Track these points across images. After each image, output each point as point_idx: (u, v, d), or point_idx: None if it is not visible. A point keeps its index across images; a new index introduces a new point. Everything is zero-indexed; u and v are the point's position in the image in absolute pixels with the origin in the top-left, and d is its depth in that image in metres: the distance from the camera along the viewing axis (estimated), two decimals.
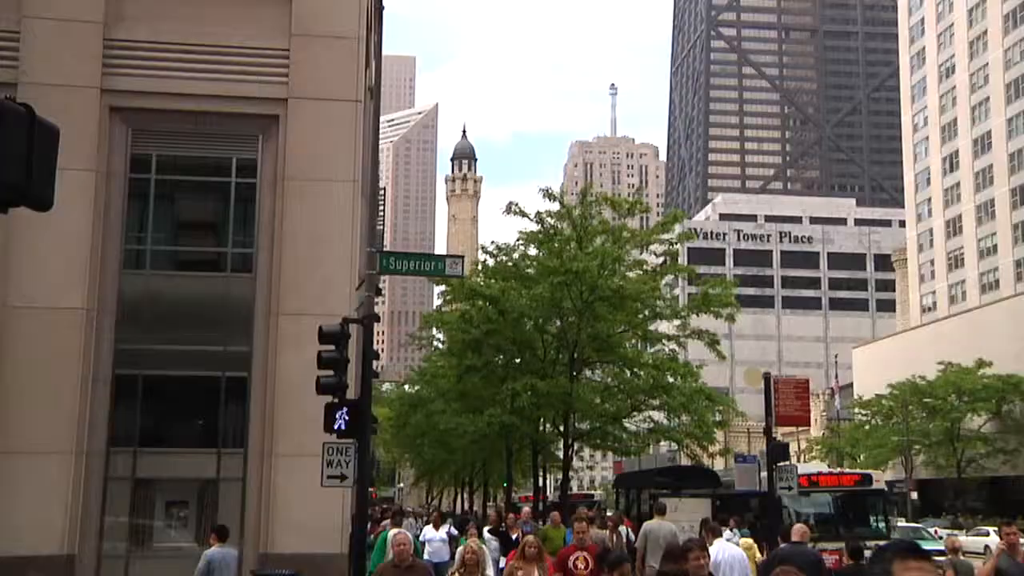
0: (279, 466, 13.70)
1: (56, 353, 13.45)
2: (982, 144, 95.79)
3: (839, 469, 38.59)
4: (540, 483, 38.60)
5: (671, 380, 28.12)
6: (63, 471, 13.28)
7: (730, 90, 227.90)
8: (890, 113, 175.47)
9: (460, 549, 11.88)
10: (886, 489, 30.24)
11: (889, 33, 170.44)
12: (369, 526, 17.62)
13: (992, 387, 56.03)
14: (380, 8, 24.02)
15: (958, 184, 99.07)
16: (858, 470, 36.43)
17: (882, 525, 26.33)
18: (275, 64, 14.57)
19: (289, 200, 14.31)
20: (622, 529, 19.28)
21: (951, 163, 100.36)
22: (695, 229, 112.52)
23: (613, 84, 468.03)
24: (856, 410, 67.24)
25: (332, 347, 13.03)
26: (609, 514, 25.93)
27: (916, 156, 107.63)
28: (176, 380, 14.63)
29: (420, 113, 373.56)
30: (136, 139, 14.41)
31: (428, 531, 19.17)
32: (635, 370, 28.84)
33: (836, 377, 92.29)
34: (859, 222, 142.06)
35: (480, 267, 31.19)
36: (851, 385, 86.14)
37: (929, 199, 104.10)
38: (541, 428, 33.17)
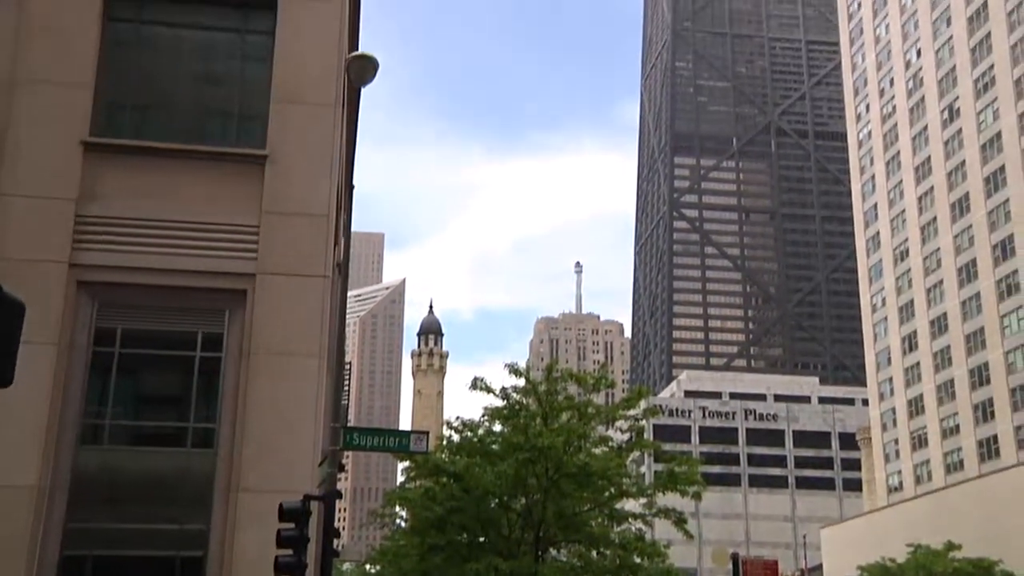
0: None
1: (1, 535, 13.00)
2: (939, 325, 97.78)
3: None
4: None
5: (638, 560, 27.59)
6: None
7: (693, 269, 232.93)
8: (849, 293, 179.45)
9: None
10: None
11: (845, 217, 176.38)
12: None
13: (963, 571, 55.33)
14: (350, 187, 24.64)
15: (918, 364, 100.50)
16: None
17: None
18: (245, 240, 14.76)
19: (254, 374, 14.24)
20: None
21: (910, 343, 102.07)
22: (660, 406, 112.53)
23: (578, 262, 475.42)
24: None
25: (292, 525, 12.74)
26: None
27: (876, 336, 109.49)
28: (128, 561, 14.12)
29: (387, 288, 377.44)
30: (101, 313, 14.40)
31: None
32: (602, 549, 28.29)
33: (805, 558, 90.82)
34: (823, 400, 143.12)
35: (445, 443, 30.90)
36: (820, 566, 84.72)
37: (891, 378, 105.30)
38: None
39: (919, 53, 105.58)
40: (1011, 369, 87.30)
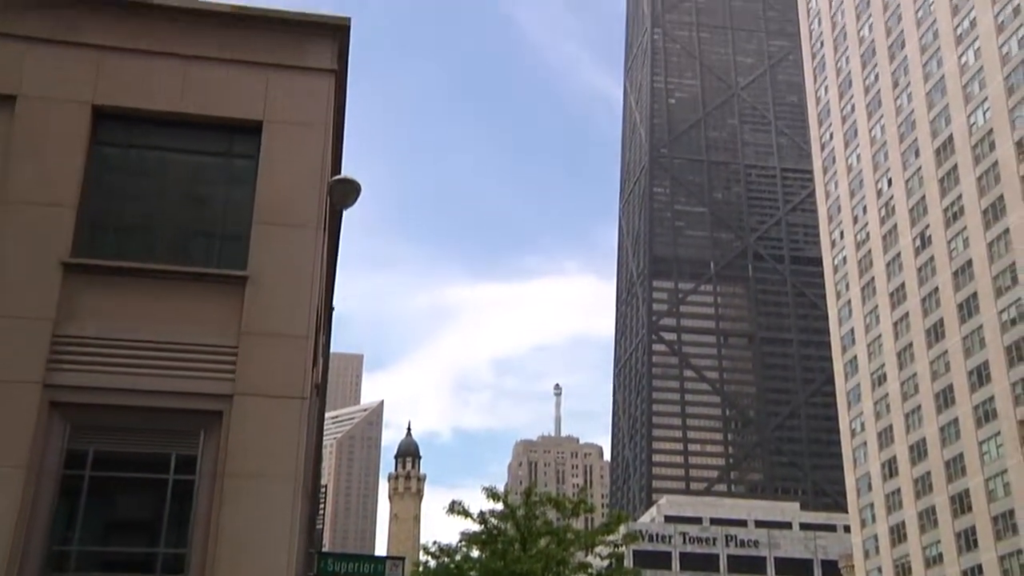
0: None
1: None
2: (919, 451, 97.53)
3: None
4: None
5: None
6: None
7: (672, 392, 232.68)
8: (828, 418, 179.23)
9: None
10: None
11: (822, 341, 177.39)
12: None
13: None
14: (330, 308, 24.69)
15: (899, 490, 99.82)
16: None
17: None
18: (223, 361, 14.69)
19: (227, 497, 13.98)
20: None
21: (890, 469, 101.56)
22: (640, 531, 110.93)
23: (558, 384, 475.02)
24: None
25: None
26: None
27: (856, 461, 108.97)
28: None
29: (365, 410, 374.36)
30: (74, 435, 14.17)
31: None
32: None
33: None
34: (804, 526, 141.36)
35: (421, 569, 30.34)
36: None
37: (872, 504, 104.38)
38: None
39: (890, 182, 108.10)
40: (992, 497, 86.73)
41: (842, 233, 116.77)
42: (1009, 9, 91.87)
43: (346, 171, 20.29)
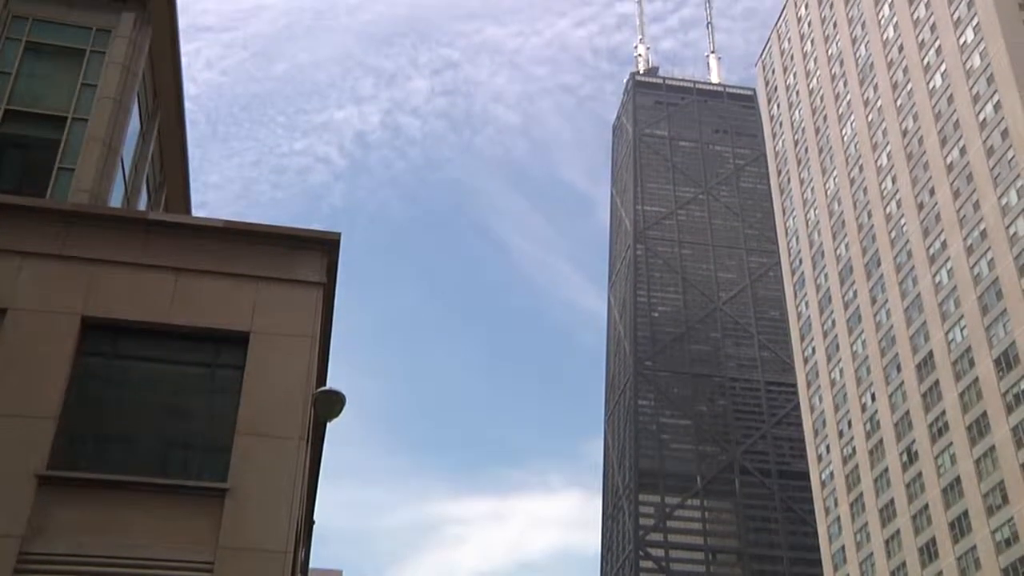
0: None
1: None
2: None
3: None
4: None
5: None
6: None
7: None
8: None
9: None
10: None
11: (813, 559, 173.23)
12: None
13: None
14: (311, 522, 24.10)
15: None
16: None
17: None
18: None
19: None
20: None
21: None
22: None
23: None
24: None
25: None
26: None
27: None
28: None
29: None
30: None
31: None
32: None
33: None
34: None
35: None
36: None
37: None
38: None
39: (873, 397, 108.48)
40: None
41: (828, 447, 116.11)
42: (976, 233, 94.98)
43: (331, 382, 20.30)
